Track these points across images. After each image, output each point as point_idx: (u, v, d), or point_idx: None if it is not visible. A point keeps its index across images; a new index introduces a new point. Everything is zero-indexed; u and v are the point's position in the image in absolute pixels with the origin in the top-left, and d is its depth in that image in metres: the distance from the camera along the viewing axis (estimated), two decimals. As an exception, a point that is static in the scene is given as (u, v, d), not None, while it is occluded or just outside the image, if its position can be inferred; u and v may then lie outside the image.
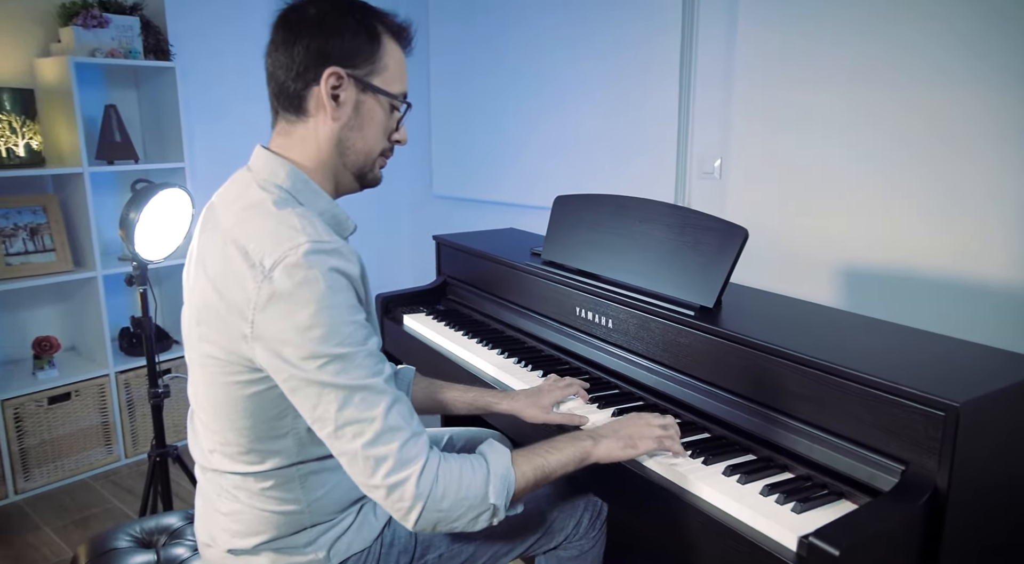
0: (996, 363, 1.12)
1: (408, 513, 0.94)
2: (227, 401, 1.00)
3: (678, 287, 1.41)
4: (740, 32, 2.52)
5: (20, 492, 2.49)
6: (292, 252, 0.92)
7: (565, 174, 3.15)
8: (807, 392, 1.13)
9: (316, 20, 1.03)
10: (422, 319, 1.98)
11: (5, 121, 2.40)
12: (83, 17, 2.50)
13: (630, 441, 1.14)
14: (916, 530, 0.95)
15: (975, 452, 0.97)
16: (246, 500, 1.06)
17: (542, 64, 3.16)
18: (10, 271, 2.47)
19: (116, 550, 1.33)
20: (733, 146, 2.63)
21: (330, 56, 1.02)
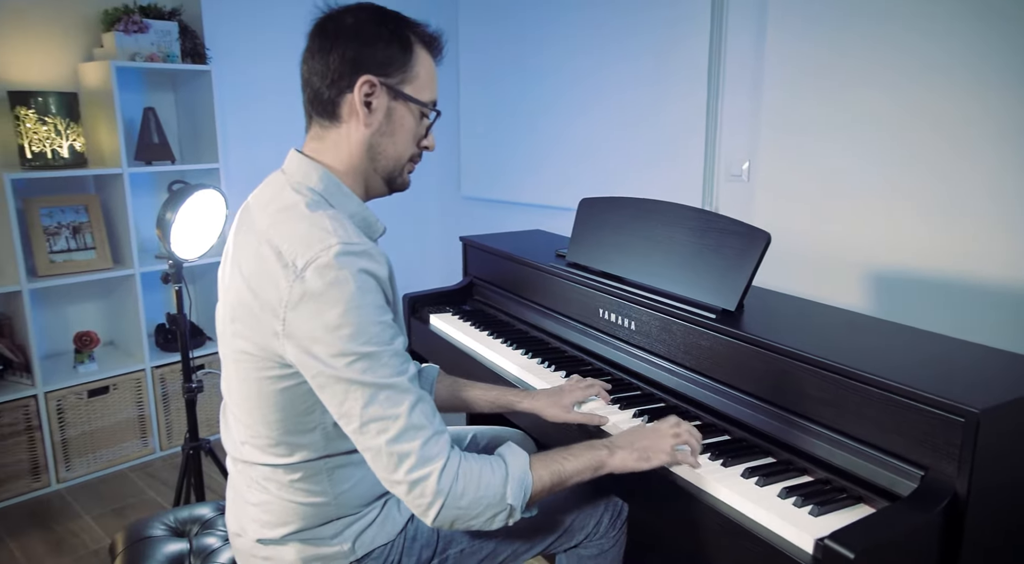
0: (1020, 370, 1.11)
1: (428, 509, 0.97)
2: (258, 395, 1.03)
3: (700, 290, 1.42)
4: (769, 35, 2.51)
5: (62, 481, 2.58)
6: (323, 253, 0.95)
7: (592, 176, 3.16)
8: (827, 396, 1.13)
9: (352, 30, 1.06)
10: (448, 319, 2.01)
11: (51, 124, 2.48)
12: (124, 23, 2.57)
13: (644, 454, 1.14)
14: (934, 535, 0.96)
15: (995, 459, 0.97)
16: (275, 491, 1.10)
17: (571, 66, 3.17)
18: (54, 268, 2.56)
19: (151, 538, 1.38)
20: (761, 149, 2.62)
21: (364, 64, 1.05)
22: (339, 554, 1.12)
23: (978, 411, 0.93)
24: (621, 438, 1.17)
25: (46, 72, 2.63)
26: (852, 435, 1.10)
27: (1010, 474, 1.01)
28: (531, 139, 3.44)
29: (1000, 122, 1.87)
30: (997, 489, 0.99)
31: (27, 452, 2.50)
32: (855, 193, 2.30)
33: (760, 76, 2.56)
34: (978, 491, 0.96)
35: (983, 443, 0.94)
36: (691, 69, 2.74)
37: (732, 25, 2.66)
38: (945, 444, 0.97)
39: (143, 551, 1.34)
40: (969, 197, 1.96)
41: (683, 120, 2.82)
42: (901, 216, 2.17)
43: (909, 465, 1.03)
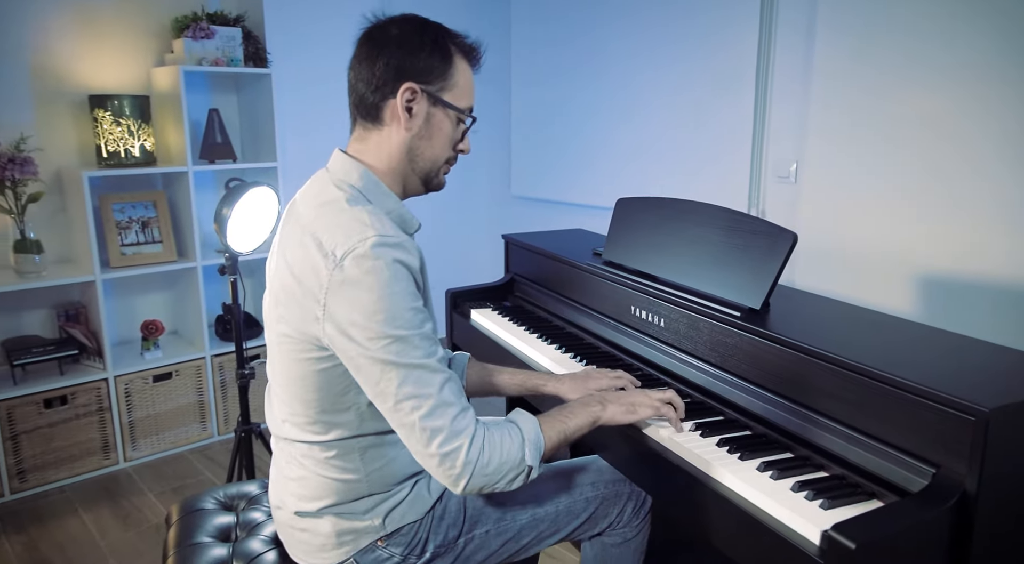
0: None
1: (459, 479, 1.04)
2: (299, 376, 1.12)
3: (727, 289, 1.45)
4: (818, 37, 2.49)
5: (129, 460, 2.75)
6: (361, 244, 1.03)
7: (639, 177, 3.19)
8: (843, 393, 1.15)
9: (397, 39, 1.13)
10: (488, 314, 2.08)
11: (124, 125, 2.66)
12: (192, 29, 2.73)
13: (631, 407, 1.25)
14: (941, 532, 0.97)
15: (1005, 457, 0.97)
16: (312, 467, 1.18)
17: (620, 68, 3.20)
18: (124, 260, 2.73)
19: (203, 510, 1.49)
20: (808, 151, 2.61)
21: (407, 72, 1.13)
22: (370, 528, 1.19)
23: (988, 410, 0.94)
24: (612, 395, 1.27)
25: (122, 77, 2.81)
26: (867, 432, 1.12)
27: (1021, 473, 1.02)
28: (580, 140, 3.48)
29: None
30: (1008, 488, 0.99)
31: (98, 431, 2.68)
32: (901, 196, 2.28)
33: (808, 78, 2.55)
34: (988, 489, 0.96)
35: (993, 442, 0.95)
36: (739, 71, 2.75)
37: (781, 28, 2.65)
38: (956, 442, 0.98)
39: (195, 522, 1.45)
40: (1018, 202, 1.92)
41: (730, 121, 2.83)
42: (948, 220, 2.14)
43: (922, 462, 1.04)
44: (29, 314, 2.74)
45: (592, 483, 1.39)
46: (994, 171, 2.00)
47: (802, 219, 2.64)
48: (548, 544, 1.37)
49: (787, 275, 2.75)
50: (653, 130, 3.11)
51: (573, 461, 1.46)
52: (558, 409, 1.21)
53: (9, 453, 2.51)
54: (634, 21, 3.11)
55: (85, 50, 2.72)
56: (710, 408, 1.41)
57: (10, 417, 2.49)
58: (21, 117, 2.62)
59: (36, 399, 2.53)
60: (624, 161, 3.26)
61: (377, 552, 1.20)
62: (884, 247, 2.34)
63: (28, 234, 2.55)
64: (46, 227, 2.70)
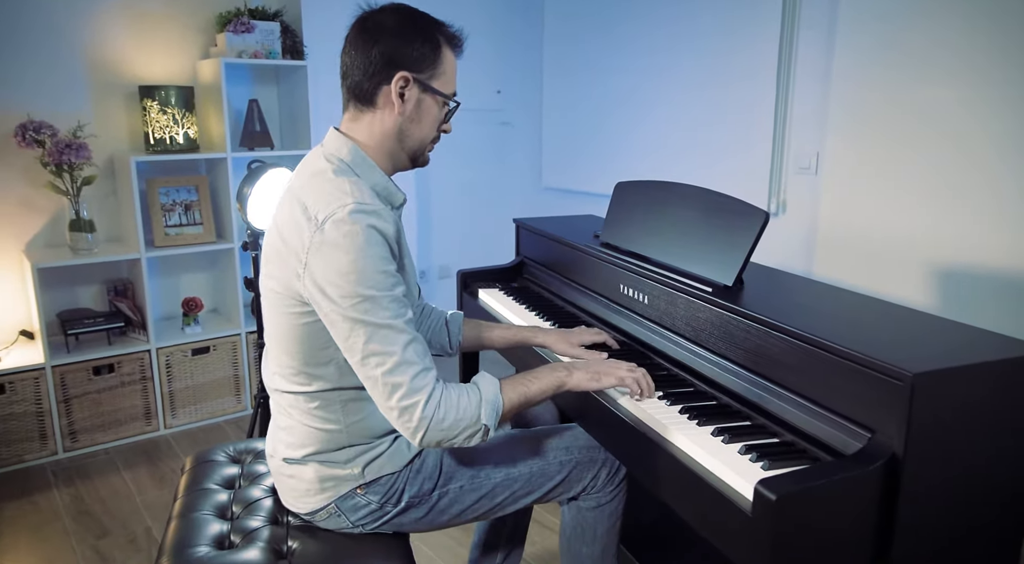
0: (981, 343, 1.14)
1: (415, 432, 1.13)
2: (285, 329, 1.23)
3: (705, 266, 1.50)
4: (840, 24, 2.49)
5: (168, 427, 2.95)
6: (340, 210, 1.13)
7: (663, 167, 3.22)
8: (794, 362, 1.20)
9: (391, 29, 1.23)
10: (493, 293, 2.16)
11: (170, 114, 2.84)
12: (234, 24, 2.90)
13: (596, 375, 1.32)
14: (865, 491, 1.01)
15: (933, 423, 1.01)
16: (297, 417, 1.29)
17: (648, 61, 3.25)
18: (168, 240, 2.92)
19: (213, 462, 1.62)
20: (830, 140, 2.60)
21: (401, 61, 1.23)
22: (350, 477, 1.30)
23: (911, 374, 0.98)
24: (580, 362, 1.35)
25: (170, 69, 3.01)
26: (814, 400, 1.17)
27: (948, 440, 1.04)
28: (607, 132, 3.53)
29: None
30: (935, 452, 1.03)
31: (141, 399, 2.87)
32: (925, 187, 2.26)
33: (830, 67, 2.55)
34: (914, 453, 1.00)
35: (918, 406, 0.99)
36: (761, 60, 2.76)
37: (804, 15, 2.65)
38: (887, 407, 1.02)
39: (204, 471, 1.58)
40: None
41: (752, 112, 2.84)
42: (971, 213, 2.12)
43: (860, 428, 1.08)
44: (83, 288, 2.96)
45: (567, 448, 1.47)
46: (1021, 162, 1.97)
47: (823, 210, 2.64)
48: (524, 503, 1.45)
49: (804, 265, 2.75)
50: (677, 122, 3.14)
51: (551, 427, 1.53)
52: (524, 373, 1.29)
53: (63, 415, 2.72)
54: (661, 16, 3.15)
55: (137, 44, 2.92)
56: (682, 380, 1.47)
57: (63, 382, 2.70)
58: (79, 106, 2.84)
59: (86, 366, 2.74)
60: (649, 153, 3.30)
61: (356, 499, 1.30)
62: (906, 239, 2.33)
63: (82, 214, 2.76)
64: (99, 208, 2.91)
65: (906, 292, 2.34)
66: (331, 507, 1.31)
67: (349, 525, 1.32)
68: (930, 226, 2.24)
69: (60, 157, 2.64)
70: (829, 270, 2.65)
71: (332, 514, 1.31)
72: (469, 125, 4.00)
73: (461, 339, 1.61)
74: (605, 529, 1.52)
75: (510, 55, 4.04)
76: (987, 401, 1.05)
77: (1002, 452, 1.09)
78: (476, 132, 4.05)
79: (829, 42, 2.54)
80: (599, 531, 1.51)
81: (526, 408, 1.27)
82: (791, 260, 2.83)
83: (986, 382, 1.04)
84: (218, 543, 1.33)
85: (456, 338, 1.61)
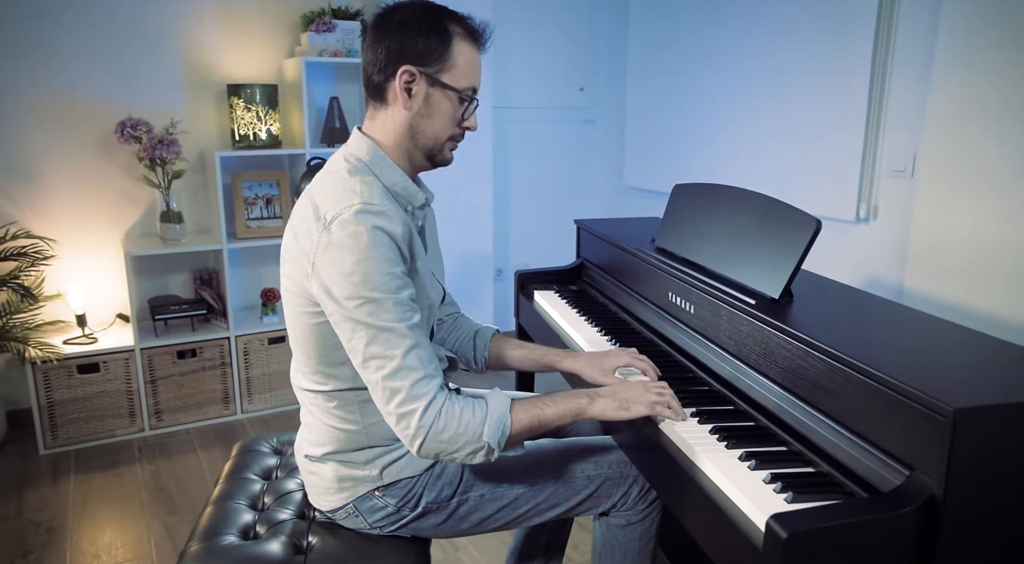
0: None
1: (413, 440, 1.11)
2: (301, 328, 1.23)
3: (752, 277, 1.40)
4: (944, 15, 2.27)
5: (244, 412, 3.08)
6: (347, 210, 1.12)
7: (748, 168, 3.08)
8: (832, 386, 1.09)
9: (398, 24, 1.21)
10: (548, 296, 2.12)
11: (254, 111, 2.96)
12: (316, 24, 2.98)
13: (624, 404, 1.23)
14: (895, 535, 0.90)
15: (977, 464, 0.89)
16: (318, 415, 1.30)
17: (732, 62, 3.12)
18: (249, 232, 3.05)
19: (256, 451, 1.67)
20: (929, 141, 2.39)
21: (405, 55, 1.20)
22: (368, 478, 1.29)
23: (952, 409, 0.86)
24: (605, 389, 1.26)
25: (258, 68, 3.13)
26: (854, 429, 1.06)
27: (995, 483, 0.91)
28: (689, 133, 3.41)
29: None
30: (979, 497, 0.90)
31: (220, 383, 3.02)
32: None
33: (930, 62, 2.33)
34: (955, 497, 0.89)
35: (960, 445, 0.87)
36: (854, 54, 2.58)
37: (903, 9, 2.45)
38: (928, 444, 0.91)
39: (247, 460, 1.63)
40: None
41: (842, 109, 2.66)
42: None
43: (899, 464, 0.97)
44: (174, 276, 3.14)
45: (596, 462, 1.40)
46: None
47: (917, 216, 2.43)
48: (550, 516, 1.40)
49: (895, 276, 2.54)
50: (763, 122, 2.98)
51: (582, 439, 1.48)
52: (544, 395, 1.24)
53: (149, 395, 2.89)
54: (747, 15, 3.00)
55: (228, 45, 3.06)
56: (722, 397, 1.37)
57: (151, 364, 2.87)
58: (174, 104, 3.00)
59: (171, 350, 2.90)
60: (732, 153, 3.16)
61: (373, 501, 1.30)
62: (1011, 250, 2.11)
63: (172, 206, 2.92)
64: (190, 201, 3.08)
65: (1008, 310, 2.11)
66: (349, 507, 1.31)
67: (367, 526, 1.32)
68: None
69: (153, 152, 2.80)
70: (921, 283, 2.44)
71: (351, 514, 1.31)
72: (552, 123, 3.96)
73: (487, 356, 1.54)
74: (636, 549, 1.45)
75: (594, 52, 3.97)
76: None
77: None
78: (559, 129, 4.01)
79: (931, 34, 2.33)
80: (630, 551, 1.44)
81: (540, 431, 1.21)
82: (880, 271, 2.62)
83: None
84: (244, 533, 1.36)
85: (482, 354, 1.54)
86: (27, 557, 2.16)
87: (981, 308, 2.23)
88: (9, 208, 2.83)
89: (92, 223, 2.97)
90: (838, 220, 2.75)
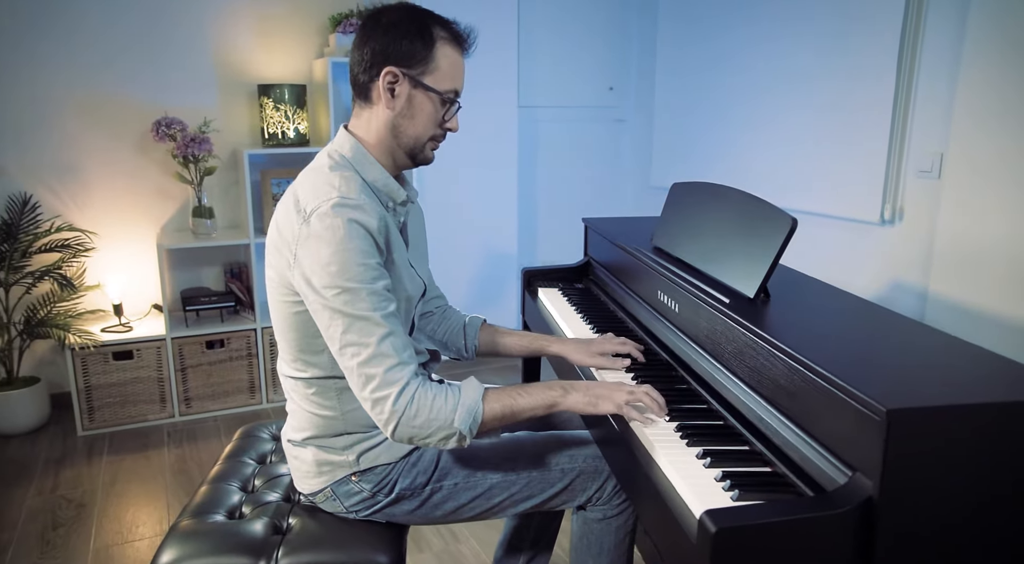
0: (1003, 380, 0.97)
1: (387, 424, 1.15)
2: (282, 316, 1.29)
3: (731, 275, 1.40)
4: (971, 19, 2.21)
5: (269, 402, 3.18)
6: (324, 203, 1.17)
7: (772, 168, 3.04)
8: (791, 387, 1.09)
9: (384, 27, 1.26)
10: (551, 293, 2.14)
11: (282, 110, 3.06)
12: (344, 25, 3.06)
13: (595, 400, 1.26)
14: (832, 536, 0.90)
15: (913, 467, 0.88)
16: (299, 401, 1.35)
17: (760, 64, 3.09)
18: (277, 228, 3.15)
19: (255, 437, 1.74)
20: (956, 140, 2.32)
21: (389, 57, 1.25)
22: (345, 463, 1.34)
23: (885, 410, 0.85)
24: (580, 383, 1.28)
25: (288, 68, 3.23)
26: (808, 430, 1.05)
27: (934, 488, 0.90)
28: (718, 132, 3.38)
29: None
30: (917, 501, 0.89)
31: (247, 373, 3.12)
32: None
33: (958, 58, 2.27)
34: (892, 499, 0.88)
35: (895, 447, 0.86)
36: (880, 51, 2.53)
37: (932, 3, 2.38)
38: (868, 446, 0.90)
39: (247, 444, 1.70)
40: None
41: (867, 109, 2.61)
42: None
43: (844, 465, 0.96)
44: (207, 269, 3.26)
45: (572, 456, 1.42)
46: None
47: (943, 218, 2.36)
48: (525, 507, 1.42)
49: (920, 279, 2.48)
50: (788, 122, 2.95)
51: (560, 433, 1.49)
52: (518, 385, 1.27)
53: (179, 382, 3.02)
54: (775, 15, 2.96)
55: (259, 46, 3.17)
56: (698, 396, 1.38)
57: (181, 353, 3.00)
58: (207, 103, 3.12)
59: (201, 340, 3.02)
60: (757, 154, 3.12)
61: (350, 485, 1.35)
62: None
63: (203, 201, 3.04)
64: (221, 197, 3.20)
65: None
66: (328, 491, 1.36)
67: (344, 510, 1.36)
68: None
69: (186, 150, 2.92)
70: (947, 287, 2.37)
71: (329, 497, 1.36)
72: (580, 122, 3.97)
73: (477, 344, 1.59)
74: (613, 544, 1.46)
75: (624, 52, 3.96)
76: (983, 446, 0.89)
77: (1002, 505, 0.92)
78: (587, 129, 4.01)
79: (959, 31, 2.26)
80: (606, 545, 1.46)
81: (513, 421, 1.24)
82: (904, 275, 2.56)
83: (979, 425, 0.88)
84: (231, 512, 1.43)
85: (472, 342, 1.59)
86: (57, 530, 2.29)
87: (1009, 314, 2.16)
88: (54, 202, 3.00)
89: (130, 217, 3.11)
90: (861, 222, 2.69)
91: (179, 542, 1.31)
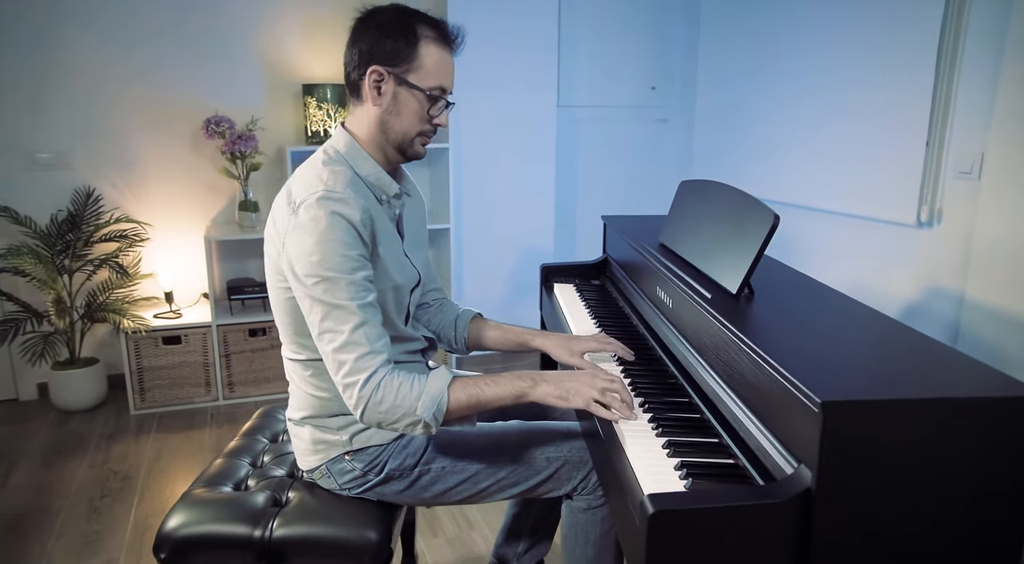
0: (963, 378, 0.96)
1: (355, 408, 1.22)
2: (278, 301, 1.37)
3: (719, 271, 1.41)
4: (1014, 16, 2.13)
5: (308, 389, 3.31)
6: (311, 196, 1.25)
7: (811, 171, 3.00)
8: (753, 381, 1.10)
9: (371, 27, 1.32)
10: (565, 289, 2.17)
11: (325, 109, 3.18)
12: (384, 27, 3.16)
13: (564, 394, 1.27)
14: (770, 525, 0.91)
15: (850, 461, 0.88)
16: (297, 382, 1.43)
17: (800, 66, 3.07)
18: (318, 222, 3.27)
19: (272, 417, 1.84)
20: (998, 139, 2.25)
21: (375, 56, 1.31)
22: (338, 442, 1.41)
23: (820, 402, 0.86)
24: (551, 374, 1.30)
25: (332, 68, 3.36)
26: (767, 423, 1.06)
27: (872, 482, 0.90)
28: (758, 134, 3.35)
29: None
30: (852, 496, 0.90)
31: (286, 361, 3.25)
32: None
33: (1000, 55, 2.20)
34: (827, 493, 0.89)
35: (831, 440, 0.87)
36: (918, 49, 2.47)
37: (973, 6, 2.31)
38: (808, 438, 0.92)
39: (263, 423, 1.80)
40: None
41: (905, 108, 2.55)
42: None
43: (792, 457, 0.97)
44: (253, 261, 3.42)
45: (557, 446, 1.46)
46: None
47: (982, 220, 2.28)
48: (512, 494, 1.46)
49: (957, 283, 2.40)
50: (826, 124, 2.91)
51: (548, 423, 1.53)
52: (488, 375, 1.31)
53: (223, 368, 3.18)
54: (813, 16, 2.91)
55: (305, 46, 3.30)
56: (683, 391, 1.39)
57: (225, 340, 3.16)
58: (255, 102, 3.28)
59: (244, 328, 3.17)
60: (795, 155, 3.08)
61: (343, 464, 1.42)
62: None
63: (249, 196, 3.19)
64: (267, 192, 3.35)
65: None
66: (323, 468, 1.43)
67: (337, 487, 1.44)
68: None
69: (233, 147, 3.07)
70: (984, 292, 2.30)
71: (324, 474, 1.44)
72: (622, 122, 3.97)
73: (467, 336, 1.64)
74: (598, 533, 1.48)
75: (667, 52, 3.94)
76: (919, 441, 0.89)
77: (949, 507, 0.92)
78: (629, 129, 4.01)
79: (1001, 29, 2.19)
80: (591, 535, 1.48)
81: (481, 410, 1.28)
82: (940, 278, 2.49)
83: (915, 420, 0.88)
84: (238, 485, 1.52)
85: (461, 335, 1.64)
86: (103, 499, 2.46)
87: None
88: (114, 195, 3.20)
89: (182, 210, 3.29)
90: (898, 224, 2.63)
91: (187, 508, 1.41)
